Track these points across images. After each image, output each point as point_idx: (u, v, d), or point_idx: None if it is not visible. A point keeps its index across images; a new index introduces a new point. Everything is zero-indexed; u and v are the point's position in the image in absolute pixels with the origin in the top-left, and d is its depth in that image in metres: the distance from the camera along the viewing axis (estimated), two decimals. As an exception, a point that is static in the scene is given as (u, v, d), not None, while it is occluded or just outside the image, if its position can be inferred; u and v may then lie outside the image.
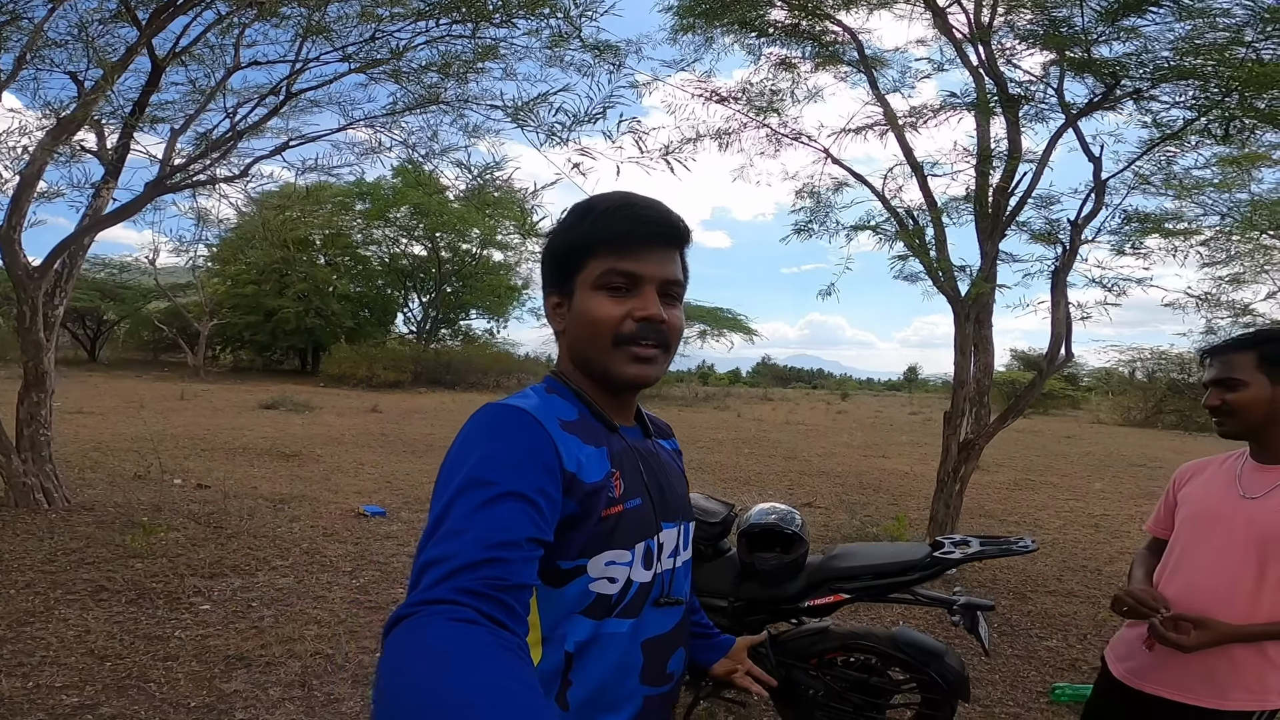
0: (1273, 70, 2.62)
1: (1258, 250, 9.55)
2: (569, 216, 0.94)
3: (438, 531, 0.71)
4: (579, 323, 0.91)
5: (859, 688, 2.26)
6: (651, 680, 0.94)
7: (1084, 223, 4.76)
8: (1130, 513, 7.32)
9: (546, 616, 0.86)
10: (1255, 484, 1.60)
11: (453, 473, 0.77)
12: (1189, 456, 8.39)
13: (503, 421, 0.83)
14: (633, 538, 0.90)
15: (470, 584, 0.65)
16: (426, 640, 0.58)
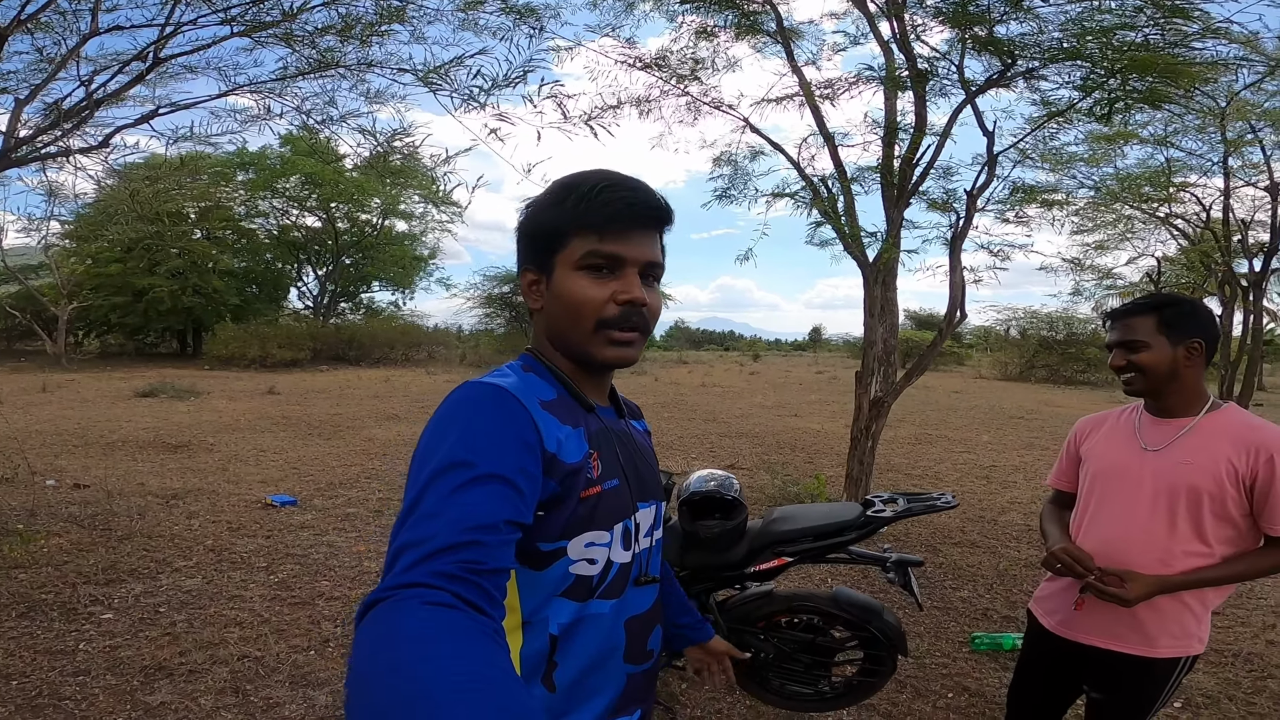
0: (1154, 57, 2.87)
1: (1120, 220, 10.63)
2: (550, 193, 0.92)
3: (413, 514, 0.70)
4: (559, 303, 0.90)
5: (807, 648, 2.37)
6: (634, 658, 0.96)
7: (978, 193, 5.07)
8: (1015, 463, 8.02)
9: (528, 600, 0.85)
10: (1155, 437, 1.73)
11: (429, 454, 0.75)
12: (1060, 408, 9.35)
13: (481, 400, 0.81)
14: (611, 519, 0.90)
15: (446, 567, 0.64)
16: (401, 625, 0.56)
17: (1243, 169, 9.09)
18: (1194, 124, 6.85)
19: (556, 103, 3.41)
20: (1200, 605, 1.70)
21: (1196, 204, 9.91)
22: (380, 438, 8.45)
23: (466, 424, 0.78)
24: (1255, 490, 1.60)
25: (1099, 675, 1.80)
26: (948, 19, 3.57)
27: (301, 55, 4.30)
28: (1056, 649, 1.85)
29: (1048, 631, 1.87)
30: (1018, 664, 2.06)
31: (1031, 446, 9.24)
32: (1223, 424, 1.68)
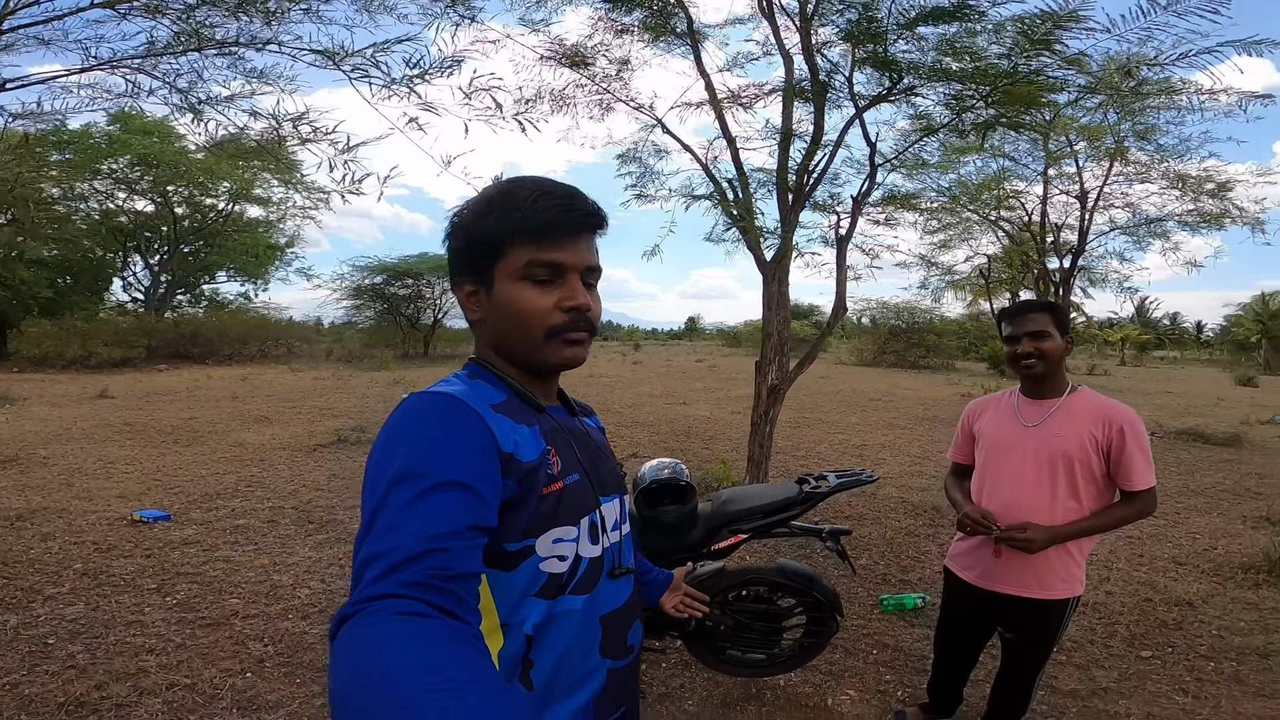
0: (1026, 87, 3.37)
1: (960, 221, 12.02)
2: (481, 203, 0.92)
3: (374, 528, 0.69)
4: (503, 314, 0.90)
5: (761, 617, 2.58)
6: (612, 654, 0.96)
7: (863, 198, 5.58)
8: (881, 441, 8.87)
9: (502, 603, 0.86)
10: (1031, 415, 2.12)
11: (382, 468, 0.74)
12: (910, 390, 10.44)
13: (430, 409, 0.81)
14: (576, 513, 0.91)
15: (414, 576, 0.64)
16: (375, 637, 0.56)
17: (1058, 178, 10.63)
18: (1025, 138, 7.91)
19: (490, 95, 3.34)
20: (1079, 552, 2.11)
21: (1021, 208, 11.46)
22: (253, 442, 7.78)
23: (418, 434, 0.77)
24: (1110, 455, 2.01)
25: (1010, 618, 2.18)
26: (851, 37, 3.91)
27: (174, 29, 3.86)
28: (974, 599, 2.21)
29: (967, 584, 2.22)
30: (940, 615, 2.41)
31: (892, 426, 10.25)
32: (1082, 403, 2.08)
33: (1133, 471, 1.98)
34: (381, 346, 22.80)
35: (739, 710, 2.63)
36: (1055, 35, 3.30)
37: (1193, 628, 3.34)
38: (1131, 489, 2.00)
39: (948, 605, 2.39)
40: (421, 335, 25.12)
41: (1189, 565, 4.33)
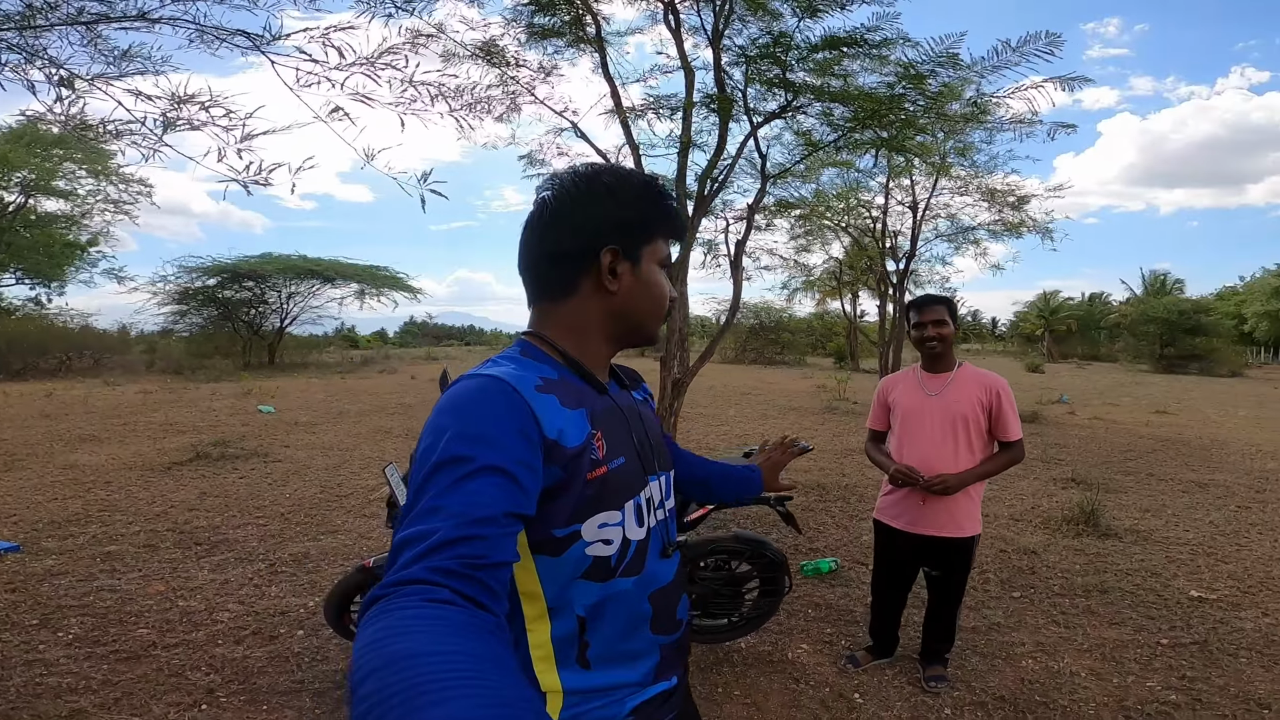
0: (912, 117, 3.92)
1: (816, 229, 13.20)
2: (628, 187, 0.96)
3: (414, 509, 0.71)
4: (647, 290, 0.97)
5: (725, 583, 2.80)
6: (664, 630, 0.99)
7: (756, 205, 6.05)
8: (760, 430, 9.51)
9: (550, 586, 0.88)
10: (933, 386, 2.61)
11: (429, 452, 0.76)
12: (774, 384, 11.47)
13: (476, 393, 0.82)
14: (621, 497, 0.92)
15: (446, 563, 0.65)
16: (400, 621, 0.58)
17: (896, 189, 12.05)
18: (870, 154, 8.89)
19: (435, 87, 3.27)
20: (977, 496, 2.62)
21: (867, 216, 12.83)
22: (88, 464, 6.82)
23: (463, 418, 0.78)
24: (992, 413, 2.54)
25: (934, 557, 2.63)
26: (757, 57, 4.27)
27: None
28: (904, 543, 2.64)
29: (897, 531, 2.65)
30: (875, 562, 2.83)
31: (765, 417, 11.04)
32: (968, 374, 2.61)
33: (1009, 425, 2.54)
34: (217, 356, 20.38)
35: (715, 673, 2.84)
36: (932, 70, 3.87)
37: (1043, 571, 4.04)
38: (1008, 439, 2.55)
39: (881, 552, 2.80)
40: (265, 343, 22.87)
41: (1024, 521, 5.17)
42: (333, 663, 2.89)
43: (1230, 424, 11.20)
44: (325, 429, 9.14)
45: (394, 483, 2.65)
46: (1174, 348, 27.83)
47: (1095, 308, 46.76)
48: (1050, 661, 2.93)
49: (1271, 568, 4.09)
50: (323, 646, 3.00)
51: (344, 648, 2.97)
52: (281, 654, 2.92)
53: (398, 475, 2.72)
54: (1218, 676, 2.80)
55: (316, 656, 2.92)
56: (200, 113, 3.72)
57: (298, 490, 5.82)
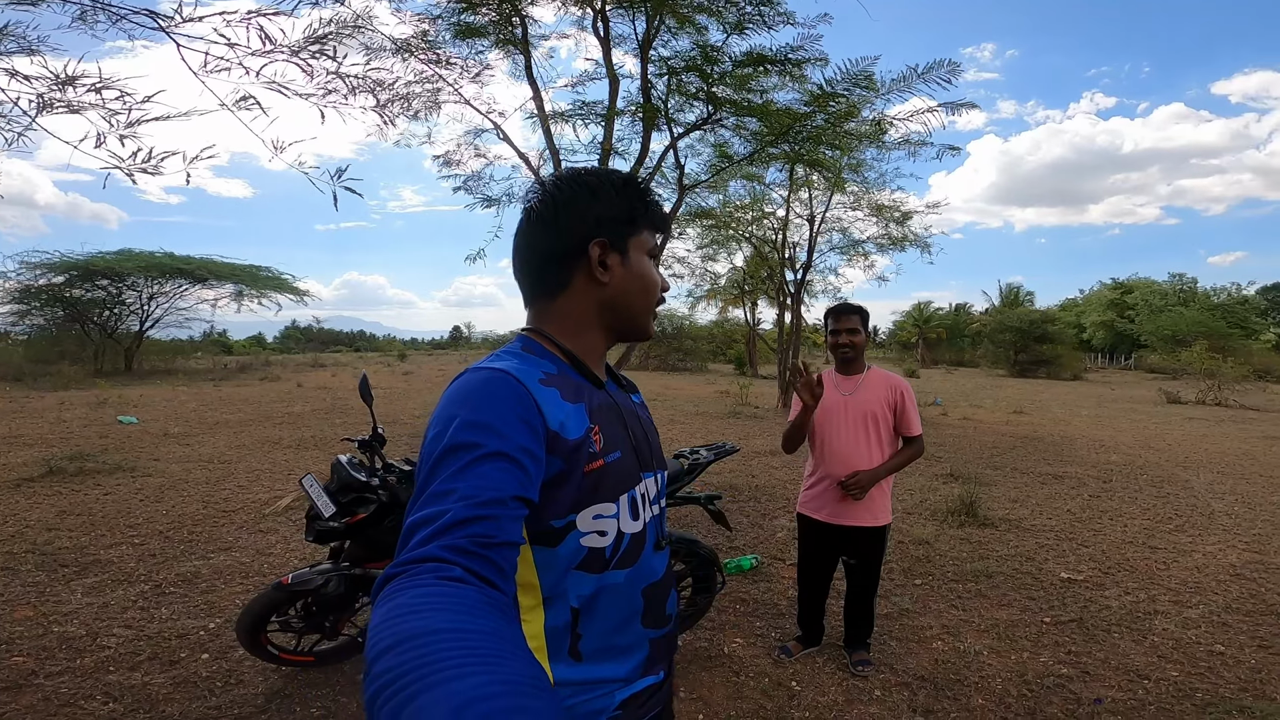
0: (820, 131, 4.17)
1: (723, 239, 13.64)
2: (609, 183, 1.00)
3: (425, 493, 0.74)
4: (637, 281, 1.00)
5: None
6: (653, 623, 1.01)
7: (673, 214, 6.18)
8: (672, 435, 9.69)
9: (546, 576, 0.89)
10: (846, 387, 2.83)
11: (436, 440, 0.79)
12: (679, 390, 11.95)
13: (482, 385, 0.84)
14: (616, 490, 0.94)
15: (458, 541, 0.67)
16: (415, 598, 0.58)
17: (795, 202, 12.69)
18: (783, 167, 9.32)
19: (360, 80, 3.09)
20: (888, 488, 2.85)
21: (769, 228, 13.41)
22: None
23: (470, 407, 0.81)
24: (897, 411, 2.79)
25: (853, 546, 2.84)
26: (682, 70, 4.37)
27: None
28: (825, 534, 2.82)
29: (819, 523, 2.83)
30: (800, 554, 2.99)
31: (674, 421, 11.26)
32: (876, 376, 2.86)
33: (912, 422, 2.80)
34: (64, 362, 18.04)
35: None
36: (847, 92, 4.15)
37: (936, 560, 4.39)
38: (911, 434, 2.82)
39: (805, 544, 2.96)
40: (122, 347, 20.54)
41: (916, 514, 5.59)
42: (250, 686, 2.69)
43: (1076, 422, 12.65)
44: (201, 440, 8.38)
45: (314, 494, 2.51)
46: (1026, 354, 31.05)
47: (961, 317, 51.30)
48: (956, 642, 3.20)
49: (1124, 550, 4.67)
50: (234, 669, 2.81)
51: (260, 670, 2.79)
52: (188, 679, 2.73)
53: (318, 486, 2.57)
54: (1098, 651, 3.16)
55: (230, 680, 2.73)
56: (88, 95, 3.35)
57: (176, 506, 5.32)
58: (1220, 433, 11.52)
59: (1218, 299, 41.18)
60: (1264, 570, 4.31)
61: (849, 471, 2.73)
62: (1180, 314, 35.51)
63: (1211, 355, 20.20)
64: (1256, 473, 7.73)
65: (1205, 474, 7.58)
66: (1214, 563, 4.44)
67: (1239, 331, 33.67)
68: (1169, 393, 18.24)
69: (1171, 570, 4.28)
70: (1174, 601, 3.76)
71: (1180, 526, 5.33)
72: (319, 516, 2.46)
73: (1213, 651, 3.17)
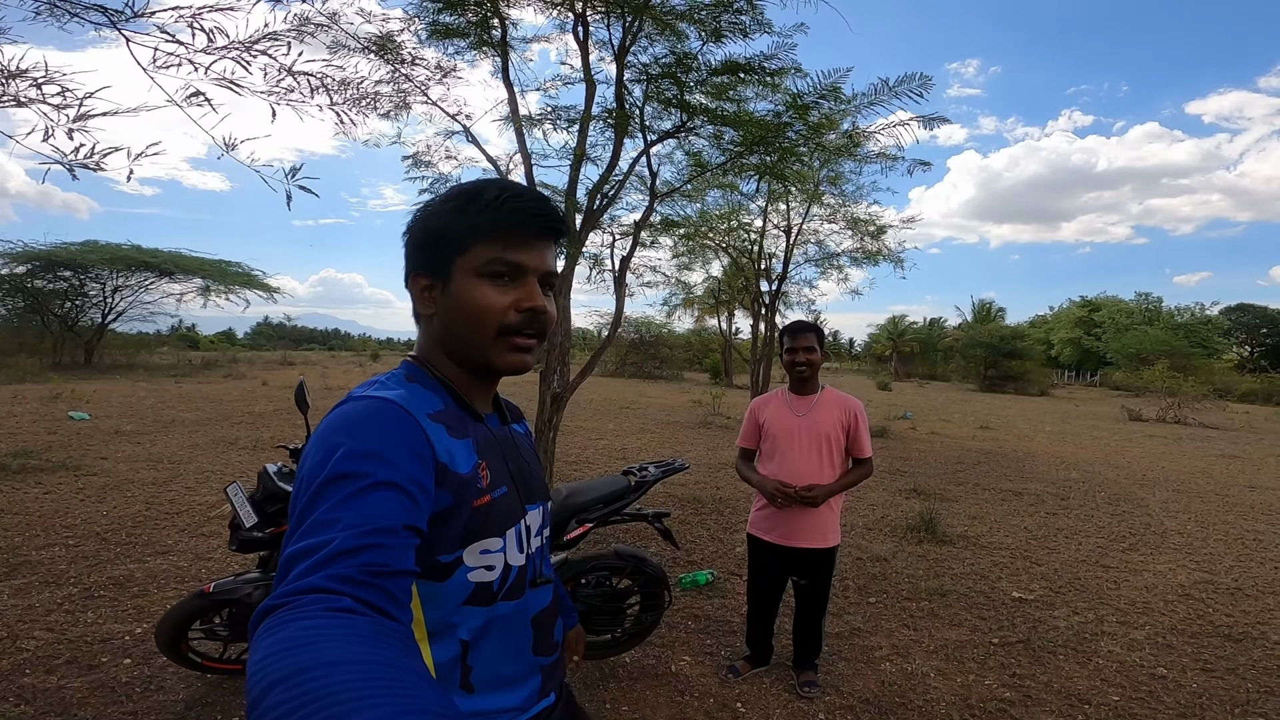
0: (793, 146, 4.15)
1: (700, 248, 13.65)
2: (449, 199, 0.92)
3: (305, 523, 0.68)
4: (460, 310, 0.89)
5: (609, 599, 2.78)
6: (543, 651, 1.01)
7: (643, 222, 6.14)
8: (639, 445, 9.63)
9: (432, 611, 0.86)
10: (800, 407, 2.80)
11: (318, 469, 0.73)
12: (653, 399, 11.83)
13: (369, 414, 0.80)
14: (503, 525, 0.93)
15: (346, 571, 0.62)
16: (302, 631, 0.53)
17: (773, 213, 12.75)
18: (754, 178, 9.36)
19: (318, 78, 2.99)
20: (838, 509, 2.82)
21: (746, 238, 13.45)
22: None
23: (356, 436, 0.76)
24: (849, 432, 2.77)
25: (803, 567, 2.80)
26: (656, 76, 4.34)
27: None
28: (776, 555, 2.78)
29: (769, 544, 2.79)
30: (750, 574, 2.96)
31: (644, 431, 11.21)
32: (830, 397, 2.83)
33: (863, 443, 2.78)
34: (22, 354, 17.50)
35: (602, 689, 2.83)
36: (817, 102, 4.15)
37: (892, 577, 4.39)
38: (862, 456, 2.80)
39: (755, 564, 2.93)
40: (82, 340, 19.99)
41: (875, 530, 5.60)
42: (170, 693, 2.64)
43: (1039, 438, 12.86)
44: (153, 439, 8.13)
45: (237, 503, 2.42)
46: (995, 369, 31.61)
47: (934, 331, 52.06)
48: (904, 664, 3.18)
49: (1077, 569, 4.71)
50: (156, 675, 2.75)
51: (183, 676, 2.74)
52: (105, 684, 2.68)
53: (242, 495, 2.48)
54: (1042, 674, 3.15)
55: (150, 686, 2.68)
56: (30, 89, 3.23)
57: (117, 507, 5.14)
58: (1179, 450, 11.78)
59: (1182, 319, 42.29)
60: (1212, 590, 4.37)
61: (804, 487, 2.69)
62: (1145, 333, 36.43)
63: (1173, 374, 20.73)
64: (1211, 491, 7.89)
65: (1161, 492, 7.73)
66: (1163, 582, 4.50)
67: (1200, 351, 34.62)
68: (1131, 410, 18.66)
69: (1121, 590, 4.32)
70: (1121, 622, 3.79)
71: (1133, 545, 5.41)
72: (242, 526, 2.37)
73: (1155, 675, 3.19)
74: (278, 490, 2.39)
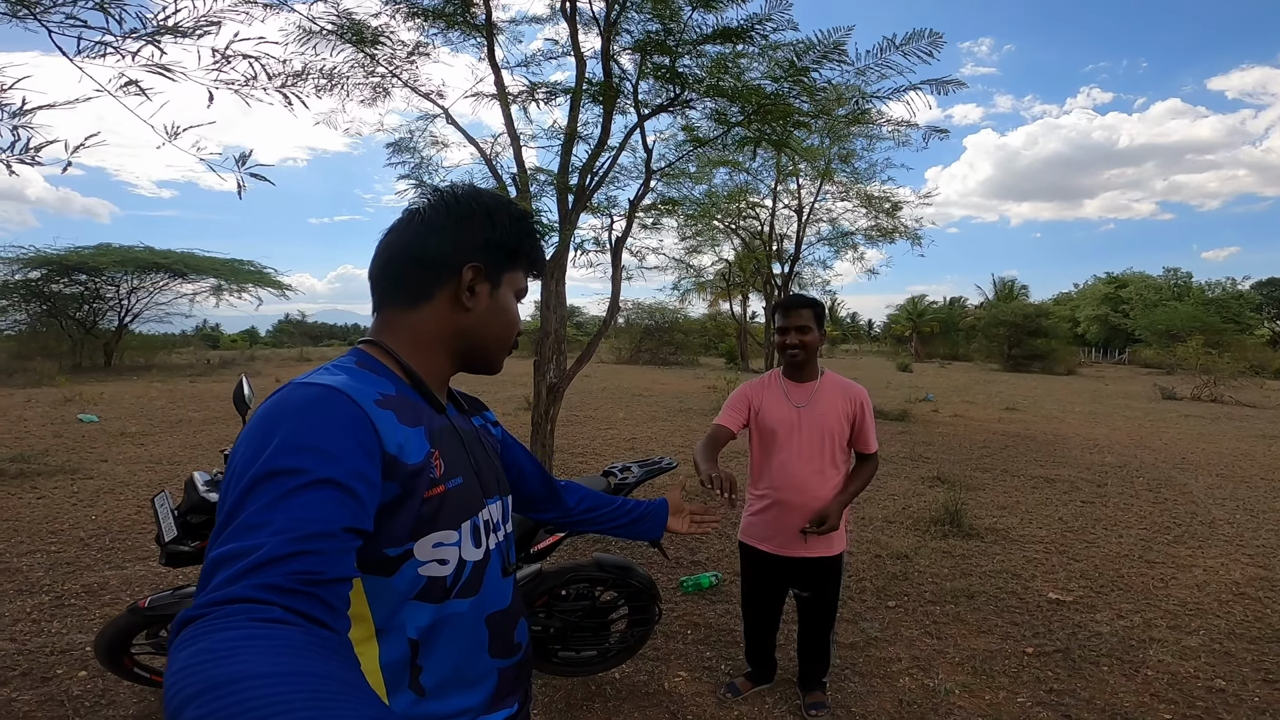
0: (788, 107, 3.79)
1: (708, 230, 13.29)
2: (515, 217, 0.97)
3: (231, 525, 0.63)
4: (499, 316, 0.96)
5: (588, 614, 2.50)
6: (500, 653, 0.97)
7: (638, 202, 5.81)
8: (650, 434, 9.38)
9: (379, 608, 0.83)
10: (798, 396, 2.43)
11: (247, 464, 0.68)
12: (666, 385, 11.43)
13: (310, 402, 0.74)
14: (458, 517, 0.89)
15: (276, 580, 0.58)
16: (225, 642, 0.50)
17: (783, 193, 12.34)
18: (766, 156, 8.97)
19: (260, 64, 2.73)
20: (848, 515, 2.46)
21: (756, 219, 13.08)
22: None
23: (293, 427, 0.70)
24: (854, 425, 2.41)
25: (806, 578, 2.48)
26: (644, 47, 4.01)
27: None
28: (773, 566, 2.46)
29: (765, 554, 2.46)
30: (744, 587, 2.64)
31: (655, 419, 10.93)
32: (832, 384, 2.45)
33: (869, 438, 2.43)
34: (41, 357, 17.70)
35: (585, 709, 2.57)
36: (816, 65, 3.78)
37: (914, 577, 4.06)
38: (868, 451, 2.44)
39: (749, 574, 2.60)
40: (101, 343, 20.20)
41: (896, 523, 5.26)
42: (122, 708, 2.53)
43: (1069, 419, 12.34)
44: (157, 440, 8.04)
45: (161, 514, 2.20)
46: (1019, 348, 30.77)
47: (955, 311, 51.04)
48: (926, 678, 2.86)
49: (1119, 565, 4.33)
50: (109, 689, 2.64)
51: (135, 691, 2.63)
52: (55, 697, 2.59)
53: (168, 505, 2.26)
54: (1082, 688, 2.81)
55: (100, 700, 2.58)
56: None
57: (108, 511, 5.02)
58: (1217, 431, 11.21)
59: (1212, 294, 40.92)
60: (1270, 588, 3.98)
61: (804, 495, 2.35)
62: (1175, 309, 35.26)
63: (1207, 351, 19.91)
64: (1257, 476, 7.40)
65: (1204, 477, 7.26)
66: (1216, 579, 4.11)
67: (1233, 326, 33.44)
68: (1164, 388, 17.96)
69: (1170, 589, 3.94)
70: (1171, 627, 3.42)
71: (1179, 537, 5.00)
72: (164, 540, 2.13)
73: (1212, 688, 2.84)
74: (202, 501, 2.15)
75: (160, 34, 2.56)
